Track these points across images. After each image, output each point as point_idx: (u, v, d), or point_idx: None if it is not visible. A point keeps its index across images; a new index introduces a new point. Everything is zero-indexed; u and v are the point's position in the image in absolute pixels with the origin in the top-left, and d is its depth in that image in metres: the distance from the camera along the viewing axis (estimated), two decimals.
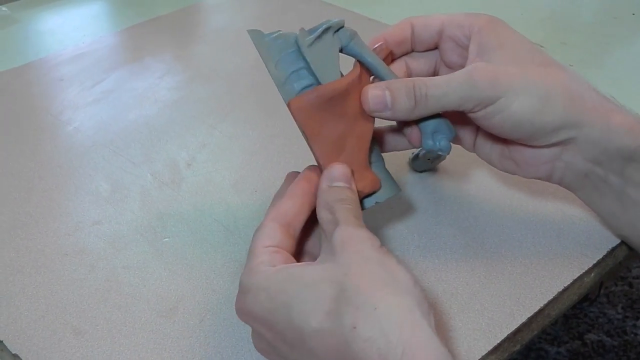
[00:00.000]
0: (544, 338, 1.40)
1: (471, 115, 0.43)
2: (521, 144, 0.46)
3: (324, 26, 0.43)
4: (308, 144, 0.42)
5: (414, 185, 0.56)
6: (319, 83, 0.42)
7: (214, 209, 0.55)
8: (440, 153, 0.46)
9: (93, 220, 0.54)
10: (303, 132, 0.42)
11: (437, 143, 0.45)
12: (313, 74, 0.42)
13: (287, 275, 0.37)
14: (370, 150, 0.44)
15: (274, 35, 0.42)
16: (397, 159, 0.57)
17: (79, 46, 0.81)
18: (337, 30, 0.44)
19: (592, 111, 0.43)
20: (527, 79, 0.42)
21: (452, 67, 0.48)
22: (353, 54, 0.44)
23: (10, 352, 0.44)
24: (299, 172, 0.44)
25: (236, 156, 0.61)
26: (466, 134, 0.49)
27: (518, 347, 0.44)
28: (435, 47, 0.48)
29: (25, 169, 0.60)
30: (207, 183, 0.58)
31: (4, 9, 0.91)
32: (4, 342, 0.44)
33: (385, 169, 0.46)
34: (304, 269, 0.37)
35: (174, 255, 0.51)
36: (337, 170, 0.41)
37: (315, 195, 0.41)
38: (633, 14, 0.85)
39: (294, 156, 0.61)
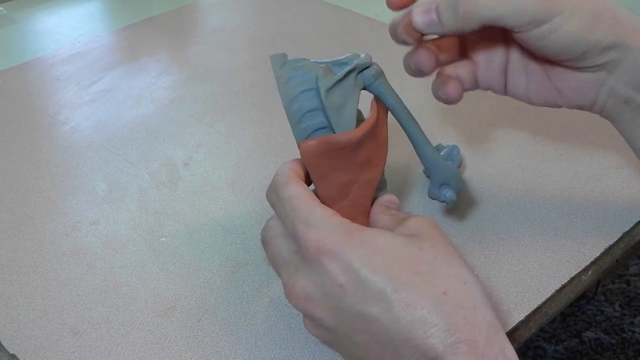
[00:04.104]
0: (542, 336, 1.40)
1: (523, 35, 0.43)
2: (568, 67, 0.45)
3: (348, 68, 0.41)
4: (313, 183, 0.42)
5: (410, 184, 0.56)
6: (332, 129, 0.41)
7: (211, 208, 0.55)
8: (445, 204, 0.47)
9: (90, 220, 0.54)
10: (310, 173, 0.42)
11: (444, 194, 0.46)
12: (328, 119, 0.41)
13: (381, 234, 0.37)
14: (378, 190, 0.44)
15: (297, 65, 0.41)
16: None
17: (76, 46, 0.81)
18: (362, 70, 0.42)
19: (636, 34, 0.44)
20: None
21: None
22: (375, 94, 0.43)
23: (8, 352, 0.44)
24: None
25: (233, 155, 0.61)
26: (495, 77, 0.49)
27: (516, 345, 0.44)
28: None
29: (22, 169, 0.60)
30: (204, 182, 0.58)
31: (0, 8, 0.90)
32: (1, 342, 0.44)
33: None
34: (393, 233, 0.38)
35: (171, 254, 0.51)
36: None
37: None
38: None
39: (290, 155, 0.60)
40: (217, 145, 0.63)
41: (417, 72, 0.46)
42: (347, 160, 0.41)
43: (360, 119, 0.43)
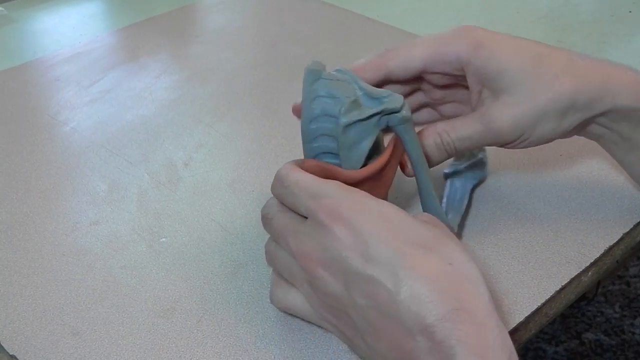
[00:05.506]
0: (542, 337, 1.40)
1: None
2: None
3: (374, 110, 0.40)
4: None
5: (409, 182, 0.56)
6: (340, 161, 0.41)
7: (211, 209, 0.55)
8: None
9: (90, 220, 0.54)
10: None
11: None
12: (339, 152, 0.41)
13: (392, 208, 0.39)
14: None
15: (330, 84, 0.40)
16: None
17: (76, 46, 0.81)
18: (389, 113, 0.41)
19: (599, 100, 0.46)
20: (540, 106, 0.45)
21: (436, 86, 0.50)
22: (396, 134, 0.43)
23: (8, 353, 0.44)
24: None
25: (233, 156, 0.61)
26: None
27: (516, 346, 0.44)
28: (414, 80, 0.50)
29: (22, 170, 0.60)
30: (204, 183, 0.58)
31: (0, 8, 0.90)
32: (1, 342, 0.44)
33: None
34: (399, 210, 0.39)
35: (171, 255, 0.51)
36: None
37: None
38: (630, 12, 0.85)
39: (291, 155, 0.60)
40: (217, 146, 0.63)
41: None
42: None
43: (375, 153, 0.43)
